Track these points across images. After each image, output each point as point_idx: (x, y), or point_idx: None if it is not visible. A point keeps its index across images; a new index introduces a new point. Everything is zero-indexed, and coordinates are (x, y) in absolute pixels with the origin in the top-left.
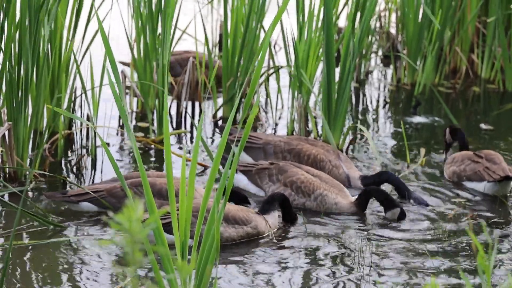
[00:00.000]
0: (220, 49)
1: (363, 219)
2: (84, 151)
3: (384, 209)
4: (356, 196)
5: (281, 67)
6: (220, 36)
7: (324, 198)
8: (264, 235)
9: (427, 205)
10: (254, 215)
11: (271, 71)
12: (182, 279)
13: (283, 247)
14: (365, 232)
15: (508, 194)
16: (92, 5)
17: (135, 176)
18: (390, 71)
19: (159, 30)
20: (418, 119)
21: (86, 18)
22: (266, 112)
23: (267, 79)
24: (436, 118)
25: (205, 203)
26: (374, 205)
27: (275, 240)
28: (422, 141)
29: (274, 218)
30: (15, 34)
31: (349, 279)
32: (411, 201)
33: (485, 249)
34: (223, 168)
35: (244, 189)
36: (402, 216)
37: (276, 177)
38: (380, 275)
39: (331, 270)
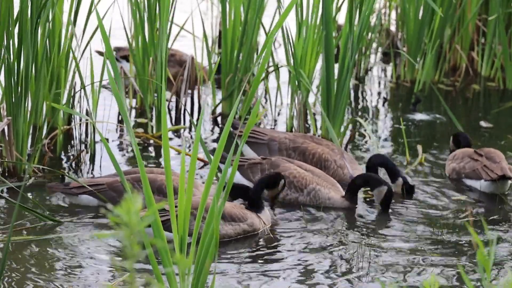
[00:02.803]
0: (219, 46)
1: (361, 216)
2: (83, 146)
3: (371, 188)
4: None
5: (281, 66)
6: (220, 32)
7: (317, 193)
8: (259, 232)
9: (413, 188)
10: (249, 212)
11: (271, 69)
12: (180, 273)
13: (281, 244)
14: (364, 229)
15: (507, 192)
16: (92, 2)
17: (137, 171)
18: (389, 68)
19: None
20: (417, 116)
21: (87, 12)
22: (266, 109)
23: (266, 77)
24: (436, 115)
25: (204, 199)
26: (371, 203)
27: (272, 237)
28: (422, 139)
29: (267, 214)
30: (13, 28)
31: (347, 276)
32: (399, 181)
33: (484, 245)
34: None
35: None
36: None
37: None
38: (378, 272)
39: (329, 267)
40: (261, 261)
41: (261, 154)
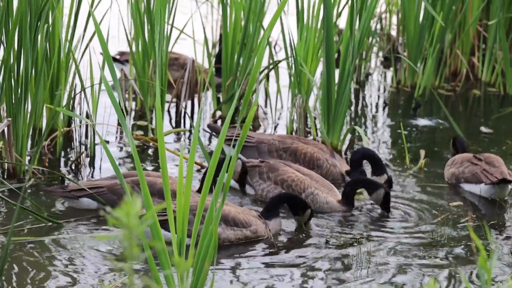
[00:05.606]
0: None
1: (359, 219)
2: (83, 148)
3: (368, 193)
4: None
5: (280, 61)
6: (220, 36)
7: (315, 197)
8: (263, 237)
9: (390, 188)
10: (255, 218)
11: (271, 67)
12: (179, 276)
13: (281, 248)
14: (363, 234)
15: (507, 197)
16: (91, 7)
17: (136, 174)
18: (390, 73)
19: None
20: (418, 121)
21: (87, 14)
22: (265, 113)
23: (266, 77)
24: (437, 121)
25: (203, 201)
26: (370, 205)
27: (271, 240)
28: (422, 143)
29: (277, 223)
30: (14, 30)
31: (346, 280)
32: (384, 176)
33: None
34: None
35: (232, 187)
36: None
37: (267, 175)
38: (378, 276)
39: (328, 271)
40: (261, 264)
41: (250, 157)
